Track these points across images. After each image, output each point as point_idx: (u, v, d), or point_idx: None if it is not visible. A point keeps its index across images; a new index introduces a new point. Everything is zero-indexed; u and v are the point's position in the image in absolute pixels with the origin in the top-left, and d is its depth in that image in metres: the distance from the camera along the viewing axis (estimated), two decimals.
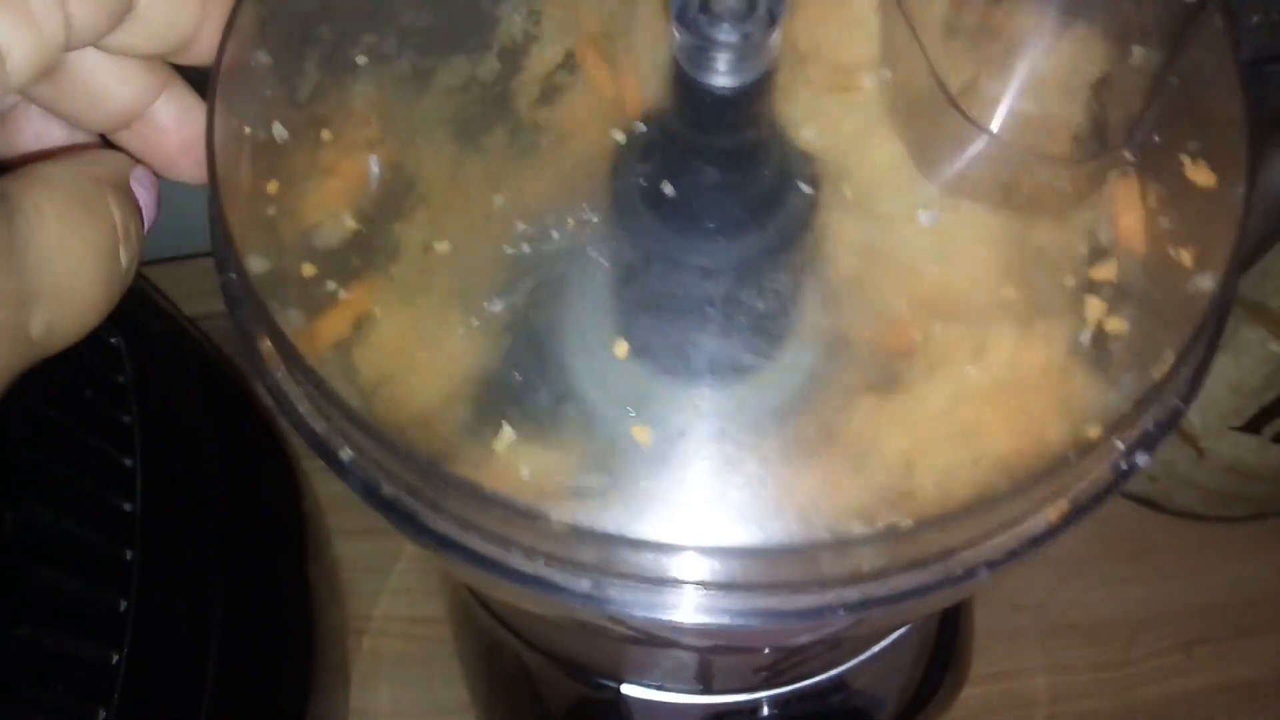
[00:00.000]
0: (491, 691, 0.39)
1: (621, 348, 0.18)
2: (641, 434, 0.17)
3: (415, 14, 0.21)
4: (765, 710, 0.33)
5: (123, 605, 0.29)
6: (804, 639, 0.21)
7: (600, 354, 0.18)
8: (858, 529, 0.17)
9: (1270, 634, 0.50)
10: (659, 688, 0.31)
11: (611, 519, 0.17)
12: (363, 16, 0.21)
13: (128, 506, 0.30)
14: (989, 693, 0.48)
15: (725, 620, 0.18)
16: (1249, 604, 0.50)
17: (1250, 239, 0.33)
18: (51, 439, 0.27)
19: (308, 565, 0.47)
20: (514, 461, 0.17)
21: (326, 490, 0.52)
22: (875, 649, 0.32)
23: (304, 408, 0.20)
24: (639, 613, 0.18)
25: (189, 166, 0.21)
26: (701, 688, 0.31)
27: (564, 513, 0.17)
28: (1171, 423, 0.19)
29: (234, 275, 0.21)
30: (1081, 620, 0.50)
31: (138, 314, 0.36)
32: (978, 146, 0.19)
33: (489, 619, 0.33)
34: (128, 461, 0.30)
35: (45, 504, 0.27)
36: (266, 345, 0.21)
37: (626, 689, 0.31)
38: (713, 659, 0.26)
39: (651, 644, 0.24)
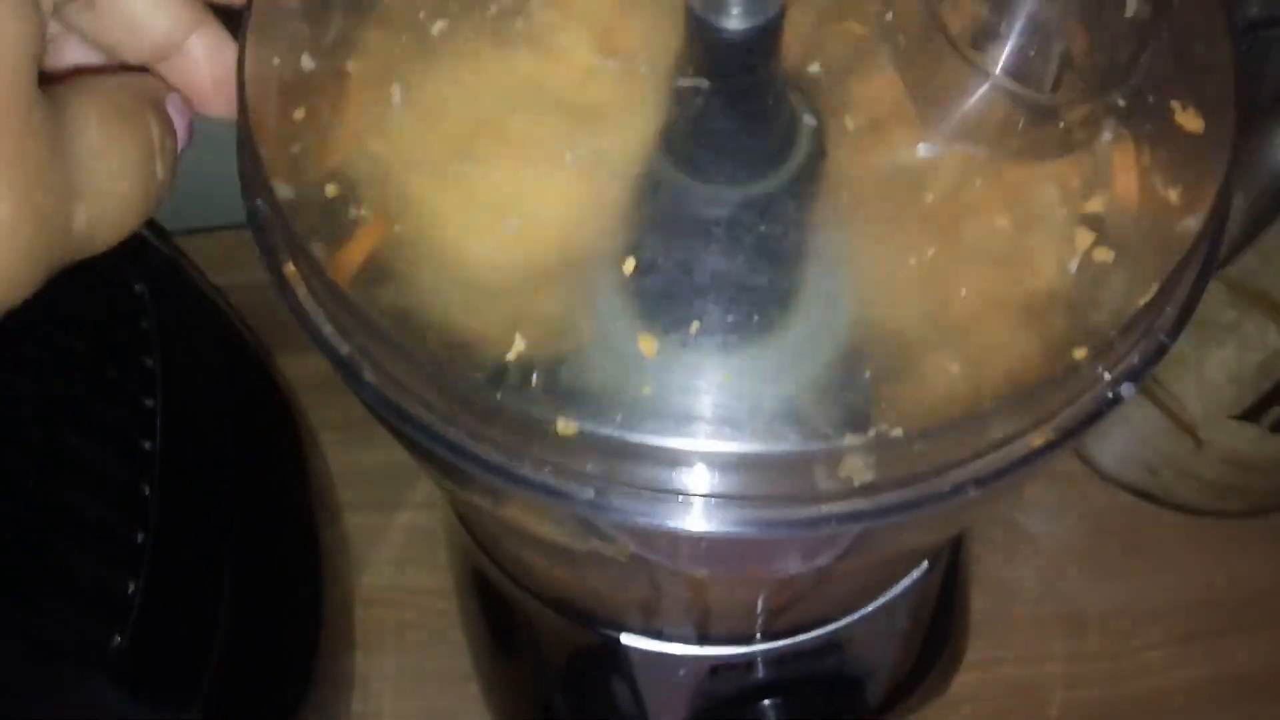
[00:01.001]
0: (494, 646, 0.40)
1: (629, 264, 0.19)
2: (647, 345, 0.18)
3: None
4: (760, 667, 0.33)
5: (140, 537, 0.30)
6: (797, 565, 0.21)
7: (610, 271, 0.19)
8: (849, 438, 0.18)
9: (1267, 629, 0.50)
10: (657, 637, 0.32)
11: (614, 426, 0.18)
12: None
13: (148, 445, 0.31)
14: (985, 679, 0.48)
15: (719, 527, 0.19)
16: (1246, 599, 0.51)
17: (1247, 218, 0.33)
18: (78, 372, 0.28)
19: (319, 533, 0.48)
20: (524, 370, 0.18)
21: (339, 463, 0.53)
22: (869, 607, 0.32)
23: (326, 327, 0.21)
24: (639, 520, 0.19)
25: (221, 103, 0.23)
26: (698, 637, 0.31)
27: (569, 419, 0.18)
28: (1156, 356, 0.20)
29: (260, 201, 0.22)
30: (1079, 611, 0.51)
31: (163, 272, 0.37)
32: (978, 88, 0.20)
33: (493, 569, 0.34)
34: (149, 401, 0.31)
35: (70, 430, 0.28)
36: (290, 268, 0.22)
37: (626, 639, 0.32)
38: (708, 598, 0.27)
39: (650, 576, 0.25)
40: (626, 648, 0.32)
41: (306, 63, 0.21)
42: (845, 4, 0.21)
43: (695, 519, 0.19)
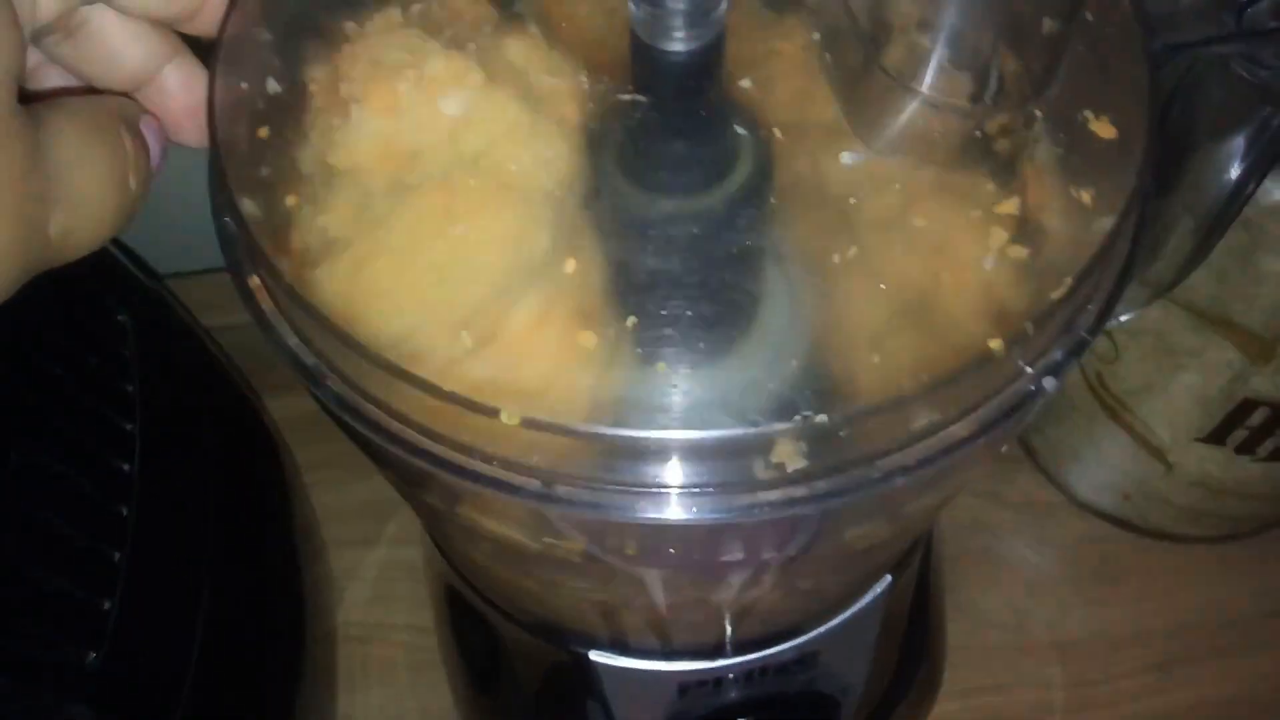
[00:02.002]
0: (471, 671, 0.40)
1: (570, 265, 0.20)
2: (586, 339, 0.19)
3: None
4: (730, 685, 0.34)
5: (117, 557, 0.30)
6: (741, 556, 0.22)
7: (553, 271, 0.20)
8: (778, 424, 0.18)
9: (1246, 654, 0.50)
10: (625, 653, 0.32)
11: (555, 415, 0.19)
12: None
13: (126, 466, 0.32)
14: (965, 708, 0.49)
15: (658, 515, 0.20)
16: (1224, 625, 0.51)
17: (1196, 238, 0.34)
18: (56, 394, 0.29)
19: (302, 568, 0.48)
20: (472, 366, 0.19)
21: (324, 501, 0.54)
22: (834, 622, 0.33)
23: (290, 338, 0.22)
24: (583, 510, 0.20)
25: (193, 130, 0.24)
26: (665, 652, 0.32)
27: (513, 410, 0.19)
28: (1077, 352, 0.21)
29: (227, 219, 0.23)
30: (1058, 639, 0.51)
31: (147, 304, 0.38)
32: (902, 102, 0.21)
33: (467, 590, 0.35)
34: (128, 425, 0.32)
35: (48, 451, 0.28)
36: (254, 280, 0.23)
37: (595, 655, 0.33)
38: (669, 607, 0.27)
39: (608, 582, 0.25)
40: (596, 664, 0.33)
41: (272, 85, 0.22)
42: (776, 26, 0.22)
43: (637, 507, 0.20)
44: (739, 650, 0.32)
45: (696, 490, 0.20)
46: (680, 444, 0.19)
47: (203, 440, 0.40)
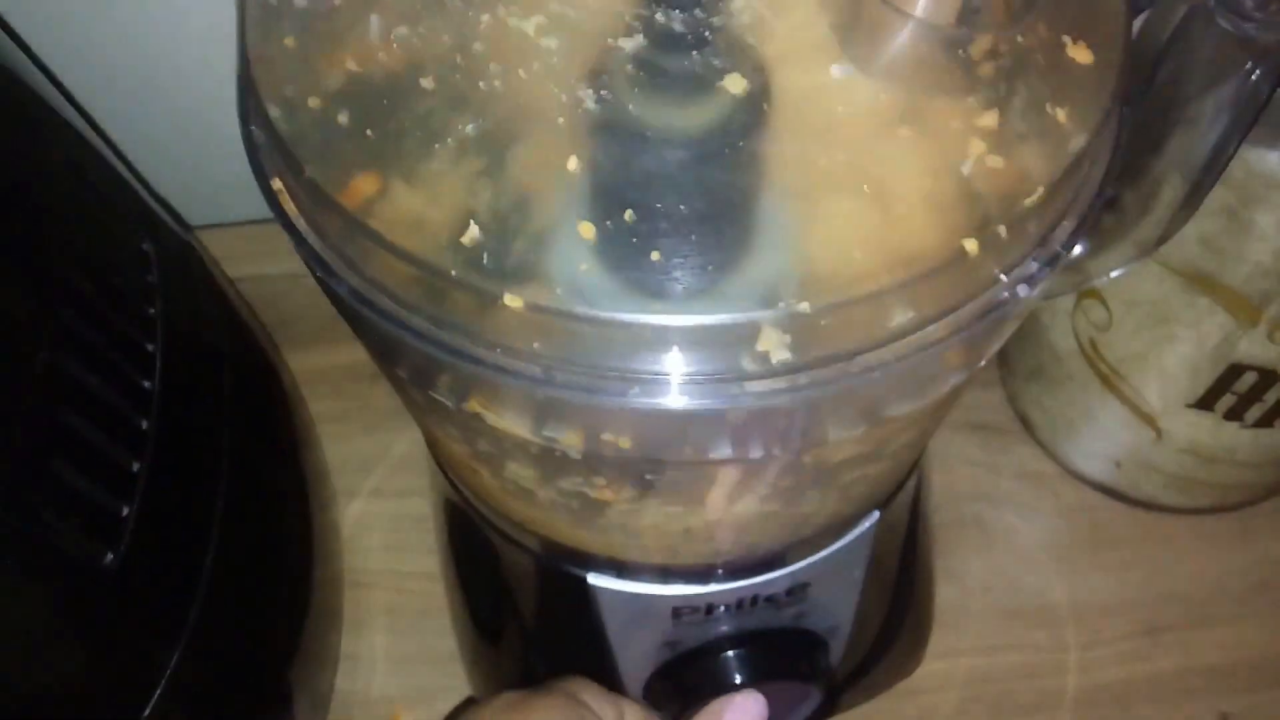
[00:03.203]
0: (470, 596, 0.42)
1: (573, 162, 0.21)
2: (586, 229, 0.21)
3: None
4: (721, 612, 0.35)
5: (136, 467, 0.32)
6: (729, 448, 0.23)
7: (556, 169, 0.21)
8: (762, 311, 0.20)
9: (1234, 623, 0.51)
10: (621, 574, 0.34)
11: (555, 299, 0.20)
12: None
13: (147, 384, 0.33)
14: (952, 668, 0.50)
15: (652, 400, 0.21)
16: (1212, 594, 0.52)
17: (1184, 197, 0.35)
18: (82, 306, 0.31)
19: (311, 512, 0.50)
20: (477, 252, 0.21)
21: (337, 453, 0.55)
22: (823, 553, 0.34)
23: (310, 235, 0.24)
24: (582, 395, 0.21)
25: None
26: (659, 573, 0.33)
27: (515, 294, 0.20)
28: (1051, 262, 0.22)
29: (254, 127, 0.25)
30: (1047, 603, 0.52)
31: (171, 244, 0.40)
32: (895, 25, 0.23)
33: (470, 511, 0.36)
34: (150, 346, 0.34)
35: (73, 358, 0.30)
36: (276, 182, 0.24)
37: (593, 579, 0.34)
38: (663, 518, 0.29)
39: (604, 484, 0.27)
40: (593, 588, 0.34)
41: (300, 1, 0.24)
42: None
43: (632, 393, 0.21)
44: (731, 575, 0.34)
45: (687, 378, 0.21)
46: (671, 329, 0.20)
47: (220, 378, 0.41)
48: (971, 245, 0.20)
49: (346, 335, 0.26)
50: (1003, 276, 0.22)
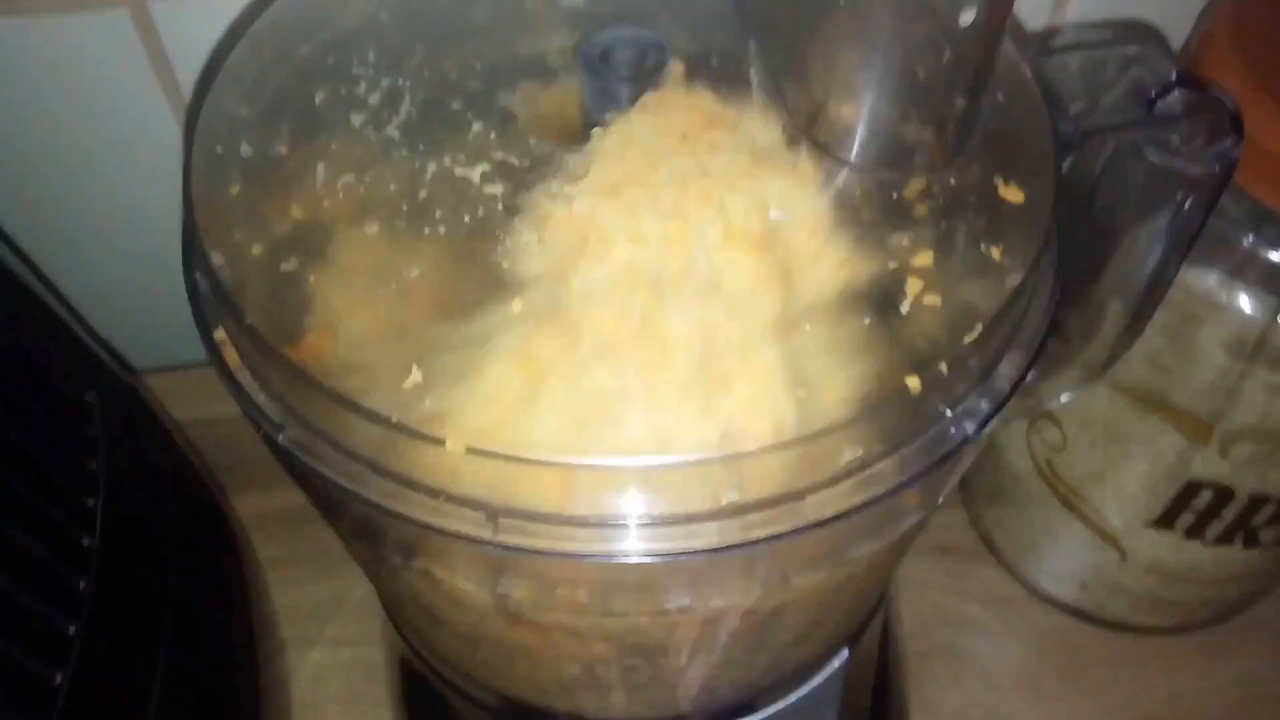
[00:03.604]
0: None
1: (517, 305, 0.21)
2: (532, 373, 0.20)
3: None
4: None
5: (71, 629, 0.30)
6: (681, 596, 0.23)
7: (499, 309, 0.21)
8: (707, 450, 0.20)
9: None
10: None
11: (499, 444, 0.20)
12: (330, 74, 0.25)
13: (86, 541, 0.32)
14: None
15: (602, 548, 0.20)
16: (1190, 716, 0.51)
17: (1126, 320, 0.36)
18: (19, 463, 0.30)
19: (258, 668, 0.48)
20: (419, 398, 0.20)
21: (284, 600, 0.54)
22: (792, 697, 0.33)
23: (252, 385, 0.23)
24: (529, 542, 0.21)
25: None
26: None
27: (458, 439, 0.20)
28: (999, 404, 0.23)
29: (197, 275, 0.24)
30: None
31: (115, 390, 0.39)
32: (831, 170, 0.23)
33: (425, 670, 0.35)
34: (90, 502, 0.33)
35: (9, 521, 0.29)
36: (219, 333, 0.24)
37: None
38: (625, 670, 0.28)
39: (561, 645, 0.26)
40: None
41: (245, 149, 0.24)
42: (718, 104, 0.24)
43: (581, 541, 0.20)
44: None
45: (637, 522, 0.21)
46: (619, 470, 0.20)
47: (165, 526, 0.40)
48: (913, 382, 0.20)
49: None
50: (948, 412, 0.22)
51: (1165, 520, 0.45)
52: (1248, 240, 0.38)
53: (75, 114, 0.47)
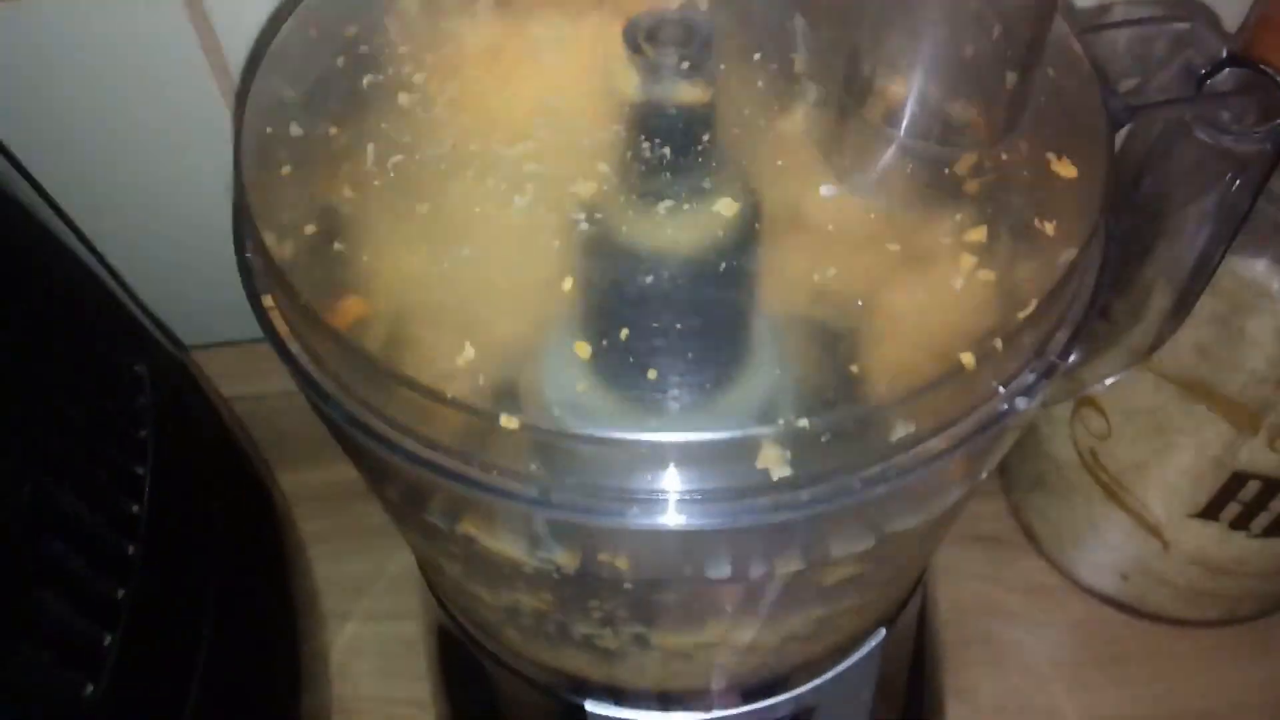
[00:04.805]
0: (460, 715, 0.40)
1: (568, 283, 0.21)
2: (582, 349, 0.20)
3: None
4: None
5: (121, 594, 0.31)
6: (728, 567, 0.23)
7: (552, 289, 0.21)
8: (761, 427, 0.20)
9: None
10: (620, 703, 0.32)
11: (552, 420, 0.20)
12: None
13: (135, 508, 0.33)
14: None
15: (648, 520, 0.21)
16: (1230, 711, 0.50)
17: (1173, 306, 0.36)
18: (71, 434, 0.30)
19: (299, 638, 0.48)
20: (474, 374, 0.20)
21: (328, 574, 0.54)
22: (828, 675, 0.33)
23: (303, 358, 0.24)
24: (578, 514, 0.21)
25: None
26: (658, 700, 0.32)
27: (511, 415, 0.20)
28: (1048, 374, 0.22)
29: (248, 254, 0.25)
30: None
31: (163, 364, 0.40)
32: (883, 147, 0.23)
33: (462, 636, 0.35)
34: (139, 469, 0.33)
35: (60, 485, 0.29)
36: (268, 300, 0.24)
37: (590, 706, 0.33)
38: (662, 648, 0.28)
39: (600, 612, 0.26)
40: (591, 715, 0.33)
41: (295, 129, 0.24)
42: (766, 83, 0.24)
43: (630, 513, 0.21)
44: (733, 701, 0.32)
45: (685, 496, 0.21)
46: (669, 447, 0.20)
47: (211, 496, 0.41)
48: (968, 359, 0.20)
49: (340, 453, 0.26)
50: (1000, 389, 0.22)
51: (1210, 511, 0.45)
52: None
53: (127, 95, 0.48)
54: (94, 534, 0.31)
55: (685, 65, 0.23)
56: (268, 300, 0.23)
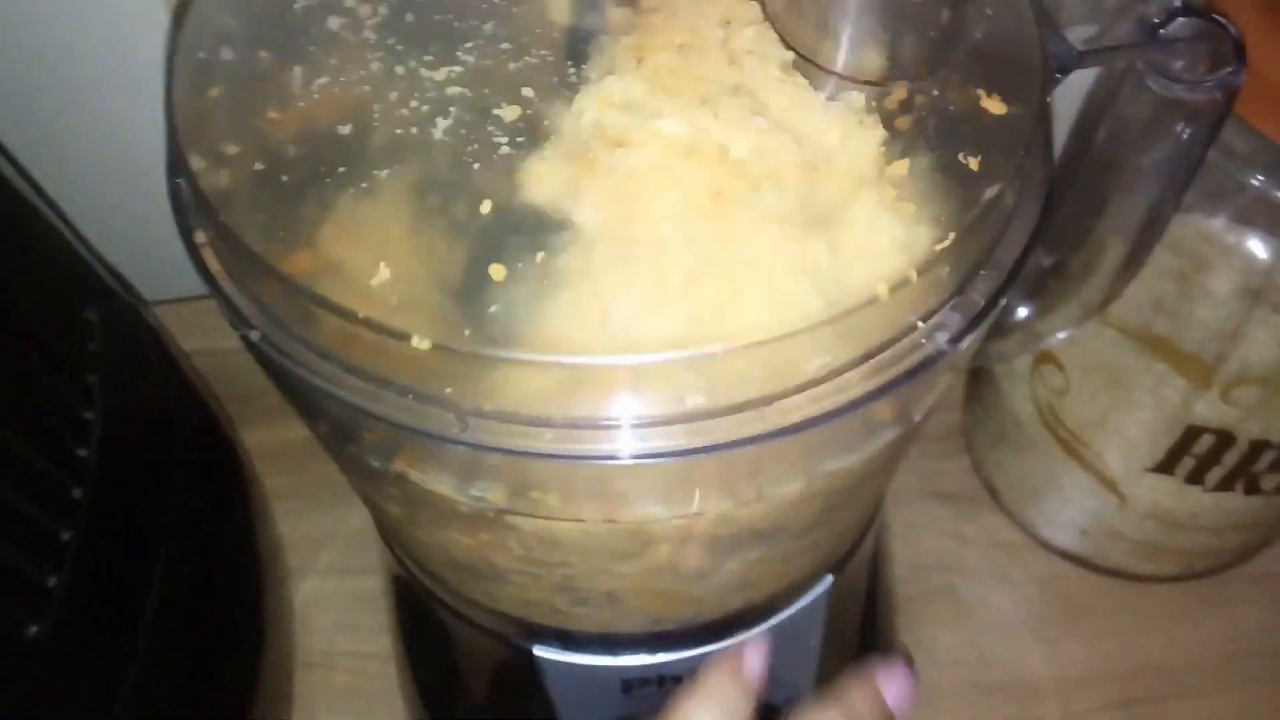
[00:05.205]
0: (420, 672, 0.41)
1: (487, 206, 0.21)
2: (497, 271, 0.20)
3: None
4: (675, 684, 0.34)
5: (66, 536, 0.31)
6: (657, 507, 0.23)
7: (470, 213, 0.21)
8: (671, 352, 0.20)
9: (1210, 694, 0.50)
10: (569, 648, 0.33)
11: (464, 340, 0.20)
12: None
13: (83, 452, 0.33)
14: None
15: (563, 448, 0.21)
16: (1187, 665, 0.51)
17: (1127, 258, 0.36)
18: (19, 375, 0.30)
19: (262, 593, 0.49)
20: (388, 295, 0.20)
21: (291, 531, 0.55)
22: (773, 620, 0.33)
23: (229, 285, 0.24)
24: (494, 439, 0.21)
25: None
26: (605, 644, 0.32)
27: (424, 336, 0.20)
28: (974, 317, 0.22)
29: (179, 180, 0.25)
30: (1018, 677, 0.51)
31: (116, 308, 0.39)
32: (816, 80, 0.23)
33: (413, 583, 0.35)
34: (88, 415, 0.33)
35: (5, 425, 0.29)
36: (199, 235, 0.24)
37: (539, 650, 0.33)
38: (604, 588, 0.28)
39: (532, 545, 0.26)
40: (540, 659, 0.33)
41: (225, 53, 0.24)
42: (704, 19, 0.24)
43: (545, 441, 0.21)
44: (678, 644, 0.33)
45: (603, 423, 0.21)
46: (582, 369, 0.20)
47: (168, 446, 0.41)
48: (881, 289, 0.20)
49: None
50: (920, 323, 0.22)
51: (1165, 466, 0.45)
52: (1257, 181, 0.37)
53: (85, 36, 0.47)
54: (38, 474, 0.31)
55: None
56: (199, 236, 0.23)
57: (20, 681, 0.29)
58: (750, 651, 0.29)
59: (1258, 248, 0.38)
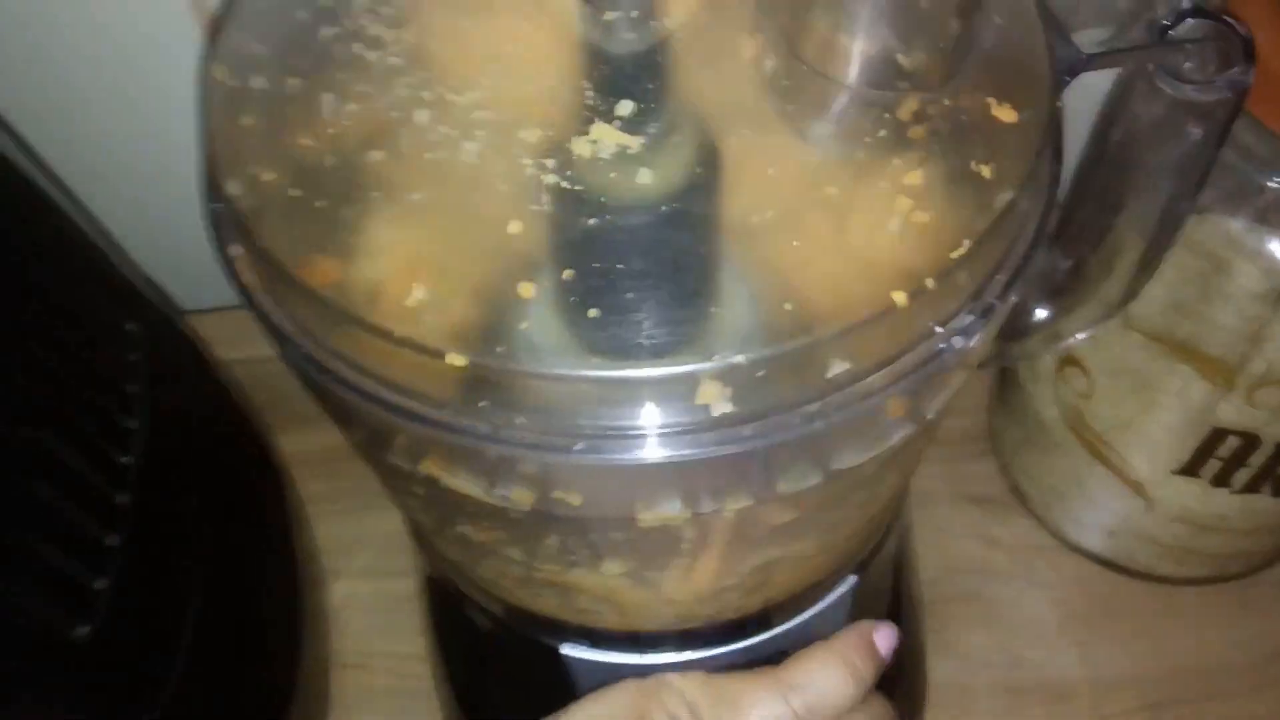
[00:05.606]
0: (452, 669, 0.41)
1: (515, 226, 0.22)
2: (526, 289, 0.21)
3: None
4: None
5: (112, 541, 0.32)
6: (673, 505, 0.24)
7: (498, 232, 0.22)
8: (699, 364, 0.20)
9: (1241, 697, 0.50)
10: (594, 645, 0.33)
11: (497, 357, 0.21)
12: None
13: (125, 459, 0.34)
14: None
15: (595, 457, 0.21)
16: (1217, 668, 0.51)
17: (1144, 258, 0.36)
18: (62, 385, 0.31)
19: (299, 595, 0.50)
20: (422, 314, 0.21)
21: (328, 534, 0.56)
22: (803, 616, 0.34)
23: (267, 304, 0.25)
24: (527, 450, 0.22)
25: None
26: (631, 641, 0.33)
27: (459, 353, 0.21)
28: (986, 315, 0.23)
29: (216, 205, 0.26)
30: (1049, 680, 0.51)
31: (155, 320, 0.41)
32: (824, 92, 0.24)
33: (445, 584, 0.36)
34: (130, 423, 0.34)
35: (47, 433, 0.30)
36: (234, 248, 0.25)
37: (566, 649, 0.34)
38: (629, 589, 0.29)
39: (563, 546, 0.27)
40: (567, 658, 0.34)
41: (257, 82, 0.25)
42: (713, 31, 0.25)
43: (575, 449, 0.21)
44: (703, 643, 0.33)
45: (629, 431, 0.22)
46: (611, 383, 0.21)
47: (208, 455, 0.42)
48: (900, 297, 0.21)
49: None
50: (938, 329, 0.22)
51: (1191, 468, 0.45)
52: (1276, 182, 0.37)
53: (124, 53, 0.48)
54: (84, 482, 0.32)
55: (635, 14, 0.24)
56: (235, 250, 0.24)
57: (70, 680, 0.30)
58: (883, 630, 0.30)
59: (1279, 249, 0.39)
